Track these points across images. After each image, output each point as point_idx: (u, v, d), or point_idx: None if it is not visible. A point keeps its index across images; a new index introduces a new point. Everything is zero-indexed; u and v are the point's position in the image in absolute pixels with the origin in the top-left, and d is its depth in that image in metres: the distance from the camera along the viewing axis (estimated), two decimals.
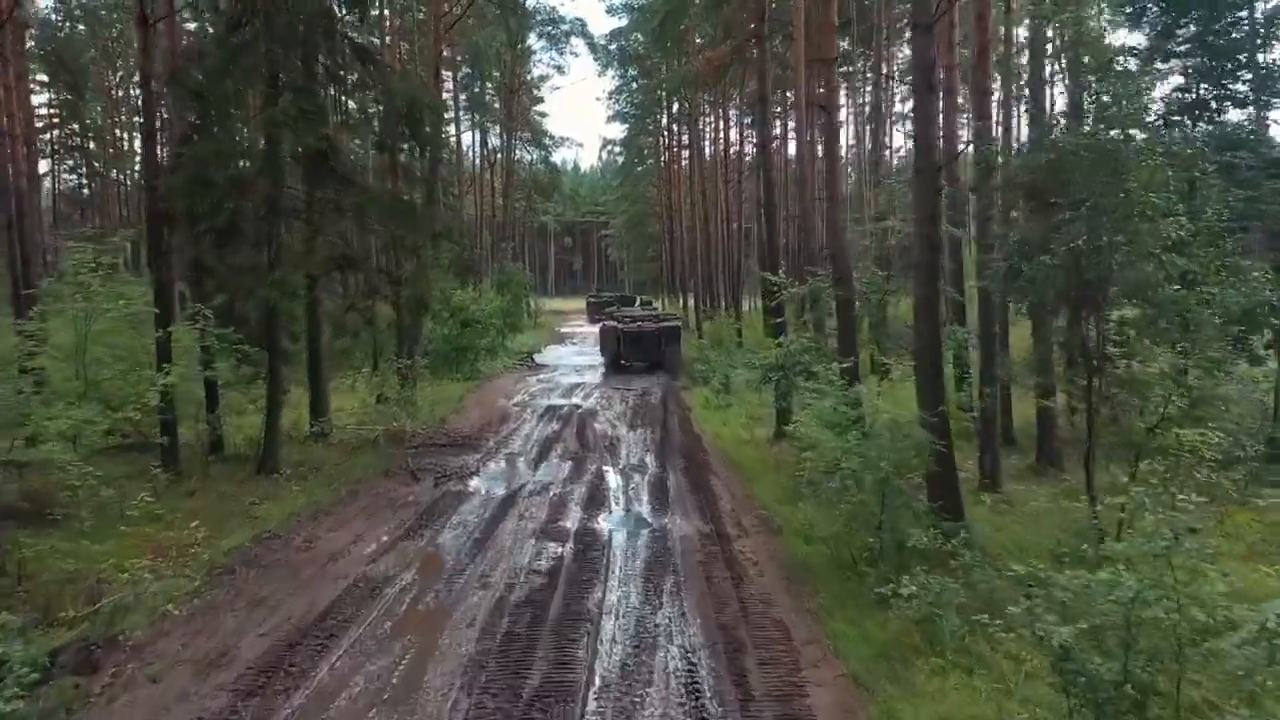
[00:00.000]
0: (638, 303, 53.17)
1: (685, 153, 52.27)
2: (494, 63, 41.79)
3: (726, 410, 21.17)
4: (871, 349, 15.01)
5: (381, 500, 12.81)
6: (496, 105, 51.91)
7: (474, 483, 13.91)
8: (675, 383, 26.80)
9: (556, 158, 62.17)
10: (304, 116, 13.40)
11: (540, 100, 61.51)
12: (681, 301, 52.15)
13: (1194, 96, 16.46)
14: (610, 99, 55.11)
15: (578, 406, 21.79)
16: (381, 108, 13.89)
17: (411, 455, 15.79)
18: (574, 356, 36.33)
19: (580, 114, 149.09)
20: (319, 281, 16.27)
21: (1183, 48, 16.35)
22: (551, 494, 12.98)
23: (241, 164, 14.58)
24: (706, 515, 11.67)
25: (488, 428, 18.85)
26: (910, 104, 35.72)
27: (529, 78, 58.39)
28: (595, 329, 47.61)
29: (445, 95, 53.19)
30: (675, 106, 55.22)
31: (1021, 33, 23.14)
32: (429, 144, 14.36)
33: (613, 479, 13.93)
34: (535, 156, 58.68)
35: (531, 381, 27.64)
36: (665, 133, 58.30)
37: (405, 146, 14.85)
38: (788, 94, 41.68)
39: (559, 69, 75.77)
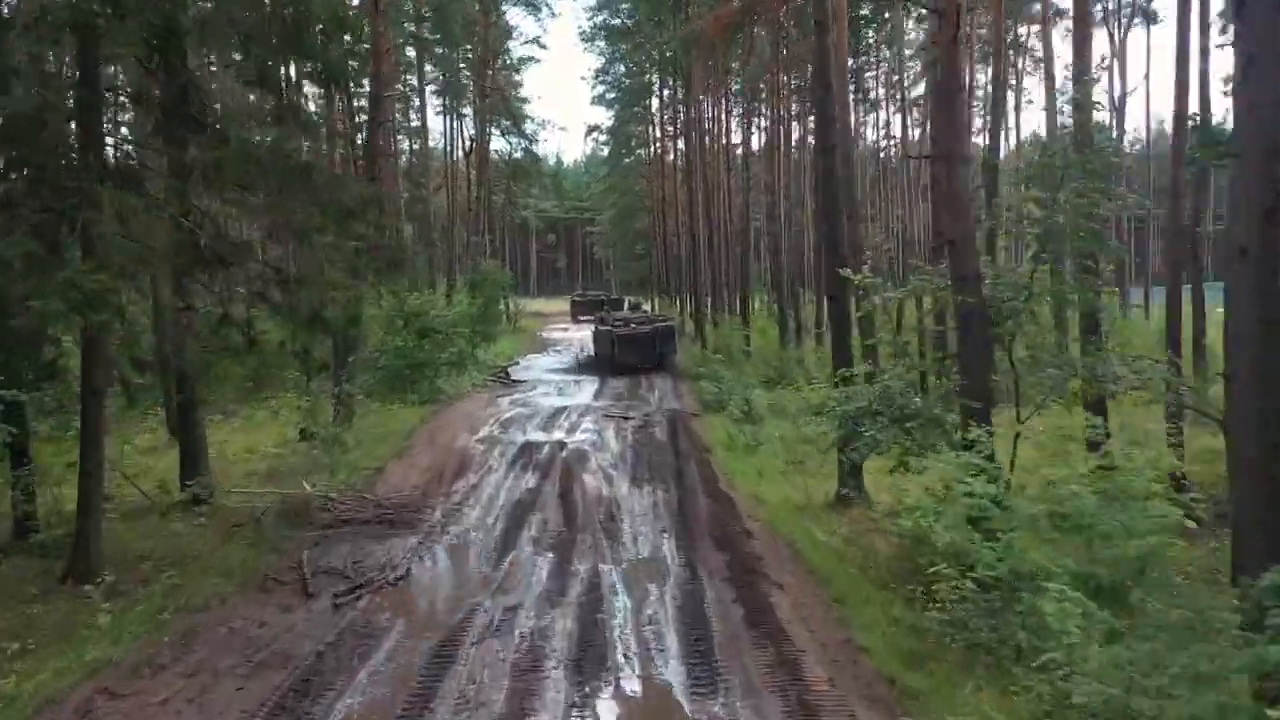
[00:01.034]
0: (626, 304, 48.59)
1: (680, 141, 47.15)
2: (461, 25, 36.55)
3: (757, 451, 16.14)
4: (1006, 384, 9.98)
5: (232, 648, 7.64)
6: (469, 86, 46.60)
7: (396, 603, 8.77)
8: (681, 407, 21.74)
9: (538, 148, 56.78)
10: (122, 11, 8.26)
11: (519, 85, 56.35)
12: (678, 304, 47.09)
13: None
14: (595, 79, 50.04)
15: (562, 445, 16.66)
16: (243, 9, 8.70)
17: (314, 542, 10.63)
18: (558, 370, 31.18)
19: (561, 94, 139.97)
20: (180, 284, 11.19)
21: None
22: (518, 633, 7.84)
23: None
24: (790, 695, 6.59)
25: (436, 484, 13.69)
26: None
27: (508, 60, 53.30)
28: (581, 334, 42.92)
29: (411, 78, 48.15)
30: (666, 92, 50.34)
31: None
32: (331, 68, 9.25)
33: (616, 595, 8.82)
34: (514, 143, 53.38)
35: (504, 405, 22.47)
36: (657, 116, 53.31)
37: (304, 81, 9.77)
38: (790, 79, 36.85)
39: (537, 41, 69.21)
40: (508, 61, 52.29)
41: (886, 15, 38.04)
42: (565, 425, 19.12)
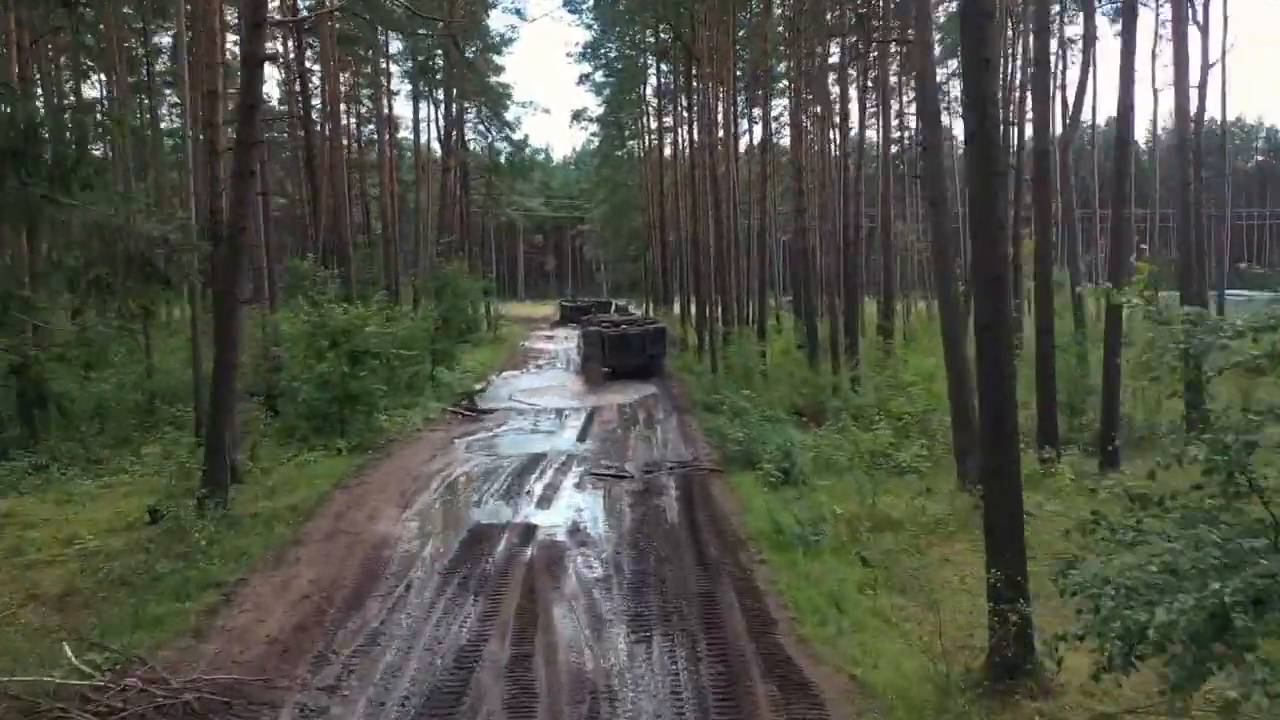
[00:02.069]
0: (613, 308, 44.91)
1: (683, 129, 41.82)
2: None
3: (819, 550, 10.71)
4: None
5: None
6: (440, 60, 41.01)
7: None
8: (695, 456, 16.39)
9: (520, 137, 51.33)
10: None
11: (501, 69, 50.82)
12: (678, 311, 41.70)
13: None
14: (583, 56, 44.70)
15: (528, 533, 11.31)
16: None
17: None
18: (537, 393, 25.77)
19: (545, 77, 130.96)
20: None
21: None
22: None
23: None
24: None
25: (308, 634, 8.22)
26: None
27: (488, 39, 47.86)
28: (568, 346, 38.04)
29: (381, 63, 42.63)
30: (664, 78, 45.02)
31: None
32: None
33: None
34: (493, 132, 47.96)
35: (460, 452, 17.08)
36: (653, 104, 48.01)
37: None
38: (805, 60, 31.46)
39: (519, 12, 62.56)
40: (488, 40, 46.97)
41: None
42: (537, 491, 13.75)
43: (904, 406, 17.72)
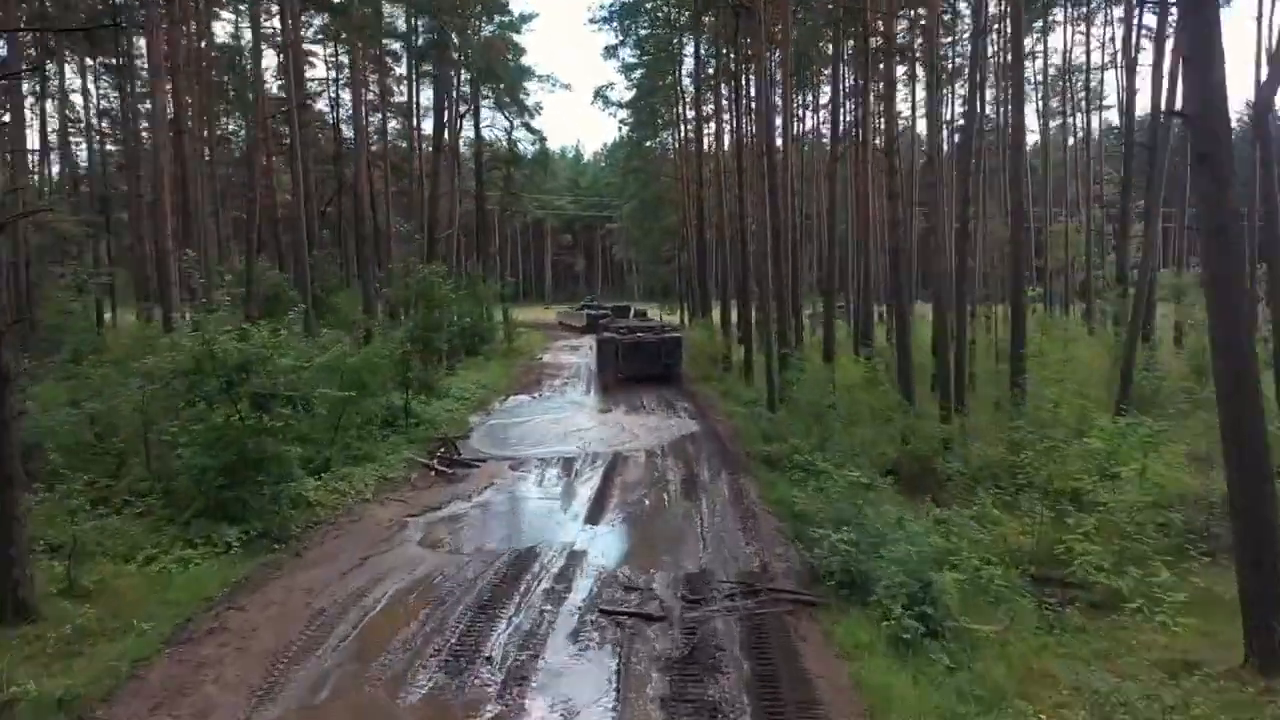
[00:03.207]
0: (631, 313, 41.76)
1: (728, 116, 36.00)
2: None
3: None
4: None
5: None
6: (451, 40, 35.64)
7: None
8: (762, 565, 10.60)
9: (541, 124, 45.96)
10: None
11: (523, 51, 45.32)
12: (719, 318, 35.80)
13: None
14: (607, 22, 39.21)
15: None
16: None
17: None
18: (544, 427, 20.18)
19: (567, 49, 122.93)
20: None
21: None
22: None
23: None
24: None
25: None
26: None
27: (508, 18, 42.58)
28: (587, 360, 32.96)
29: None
30: (702, 52, 39.26)
31: None
32: None
33: None
34: (510, 118, 42.59)
35: (410, 546, 11.46)
36: (690, 84, 42.23)
37: None
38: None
39: None
40: (508, 20, 41.70)
41: None
42: (505, 652, 8.05)
43: (1072, 476, 11.93)
